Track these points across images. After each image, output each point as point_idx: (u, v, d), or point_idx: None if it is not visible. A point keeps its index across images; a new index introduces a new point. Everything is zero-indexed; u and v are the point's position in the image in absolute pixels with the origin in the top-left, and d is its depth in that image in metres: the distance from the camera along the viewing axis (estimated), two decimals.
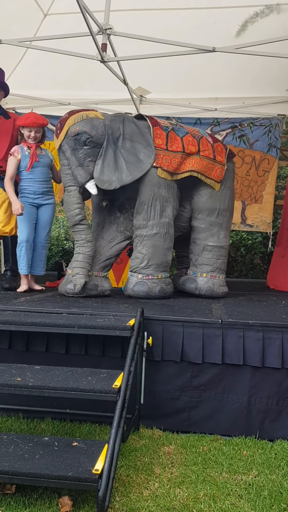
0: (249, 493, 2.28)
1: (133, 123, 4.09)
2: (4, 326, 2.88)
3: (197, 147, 4.17)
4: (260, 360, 2.92)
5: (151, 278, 4.00)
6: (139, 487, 2.28)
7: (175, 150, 4.08)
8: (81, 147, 3.91)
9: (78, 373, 2.60)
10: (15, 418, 3.02)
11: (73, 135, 3.89)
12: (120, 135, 4.01)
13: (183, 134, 4.19)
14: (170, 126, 4.21)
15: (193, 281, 4.24)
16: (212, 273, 4.23)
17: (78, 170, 3.93)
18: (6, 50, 5.12)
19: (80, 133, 3.87)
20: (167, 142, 4.07)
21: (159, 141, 4.06)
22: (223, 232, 4.30)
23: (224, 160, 4.29)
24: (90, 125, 3.90)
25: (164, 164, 4.02)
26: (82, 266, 3.94)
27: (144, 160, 3.99)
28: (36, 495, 2.17)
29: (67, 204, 3.99)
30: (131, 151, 3.99)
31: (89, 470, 2.03)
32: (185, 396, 2.98)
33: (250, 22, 4.73)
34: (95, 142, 3.92)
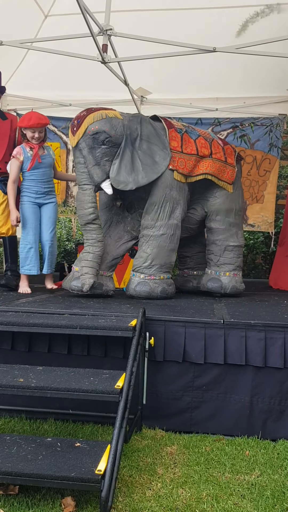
0: (251, 493, 2.28)
1: (150, 125, 4.09)
2: (7, 327, 2.89)
3: (210, 149, 4.20)
4: (262, 360, 2.92)
5: (153, 278, 4.00)
6: (142, 487, 2.28)
7: (189, 153, 4.09)
8: (99, 146, 3.86)
9: (81, 373, 2.60)
10: (18, 419, 3.02)
11: (92, 133, 3.83)
12: (138, 136, 3.98)
13: (196, 136, 4.20)
14: (183, 128, 4.21)
15: (217, 280, 4.27)
16: (234, 271, 4.32)
17: (95, 169, 3.89)
18: (7, 52, 5.13)
19: (99, 132, 3.82)
20: (182, 144, 4.08)
21: (174, 144, 4.05)
22: (240, 232, 4.41)
23: (234, 162, 4.35)
24: (109, 124, 3.86)
25: (180, 167, 4.03)
26: (91, 265, 3.91)
27: (159, 162, 3.98)
28: (39, 496, 2.17)
29: (80, 202, 3.93)
30: (147, 153, 3.98)
31: (92, 470, 2.03)
32: (187, 396, 2.98)
33: (250, 22, 4.73)
34: (113, 142, 3.88)
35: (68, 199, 6.60)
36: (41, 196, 4.19)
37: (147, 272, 4.01)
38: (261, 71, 5.31)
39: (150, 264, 4.01)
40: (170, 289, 4.08)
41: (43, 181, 4.19)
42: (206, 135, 4.33)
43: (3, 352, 3.14)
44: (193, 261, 4.70)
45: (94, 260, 3.93)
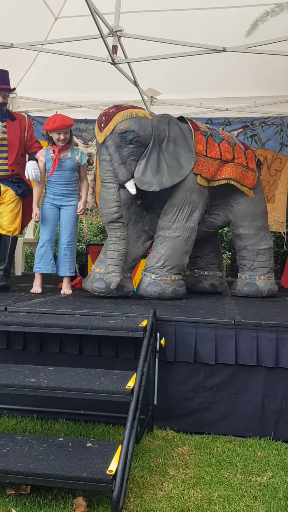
0: (263, 494, 2.26)
1: (177, 126, 4.05)
2: (18, 327, 2.90)
3: (232, 154, 4.20)
4: (274, 360, 2.90)
5: (164, 279, 3.98)
6: (153, 488, 2.28)
7: (213, 157, 4.08)
8: (126, 145, 3.81)
9: (92, 374, 2.61)
10: (29, 419, 3.04)
11: (120, 132, 3.77)
12: (165, 137, 3.95)
13: (220, 140, 4.20)
14: (208, 131, 4.19)
15: (253, 285, 4.30)
16: (268, 274, 4.35)
17: (120, 168, 3.85)
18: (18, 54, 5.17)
19: (128, 131, 3.77)
20: (207, 148, 4.06)
21: (199, 147, 4.03)
22: (268, 234, 4.44)
23: (255, 167, 4.35)
24: (138, 124, 3.81)
25: (203, 171, 4.03)
26: (117, 264, 3.89)
27: (184, 165, 3.95)
28: (51, 496, 2.18)
29: (104, 201, 3.88)
30: (173, 155, 3.95)
31: (103, 471, 2.03)
32: (198, 397, 2.97)
33: (260, 21, 4.71)
34: (141, 142, 3.84)
35: None
36: (59, 198, 4.21)
37: (158, 272, 3.99)
38: (271, 70, 5.29)
39: (162, 265, 4.00)
40: (181, 290, 4.07)
41: (62, 183, 4.19)
42: (229, 138, 4.32)
43: (15, 352, 3.16)
44: (204, 261, 4.69)
45: (119, 258, 3.90)
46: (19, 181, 4.25)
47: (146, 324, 2.79)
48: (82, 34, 4.35)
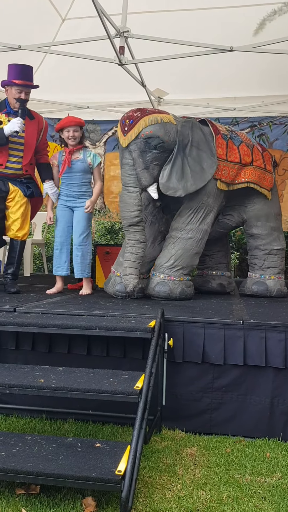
0: (272, 495, 2.26)
1: (200, 130, 4.05)
2: (27, 328, 2.92)
3: (251, 157, 4.21)
4: (283, 361, 2.89)
5: (173, 279, 3.98)
6: (162, 488, 2.29)
7: (233, 161, 4.09)
8: (150, 151, 3.79)
9: (100, 374, 2.62)
10: (38, 419, 3.06)
11: (145, 137, 3.75)
12: (189, 142, 3.94)
13: (239, 143, 4.21)
14: (228, 134, 4.19)
15: (262, 284, 4.32)
16: (278, 274, 4.36)
17: (144, 173, 3.83)
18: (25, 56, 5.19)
19: (153, 137, 3.75)
20: (227, 152, 4.07)
21: (220, 151, 4.03)
22: (281, 235, 4.44)
23: (272, 169, 4.36)
24: (164, 130, 3.79)
25: (223, 176, 4.04)
26: (135, 266, 3.90)
27: (206, 170, 3.94)
28: (60, 496, 2.19)
29: (126, 204, 3.88)
30: (196, 160, 3.94)
31: (112, 471, 2.04)
32: (207, 397, 2.97)
33: (268, 20, 4.69)
34: (165, 147, 3.83)
35: None
36: (71, 199, 4.24)
37: (167, 272, 3.99)
38: (279, 69, 5.26)
39: (172, 265, 4.00)
40: (189, 291, 4.06)
41: (73, 185, 4.22)
42: (248, 141, 4.32)
43: (24, 353, 3.18)
44: (212, 261, 4.68)
45: (137, 261, 3.91)
46: (28, 182, 4.25)
47: (154, 324, 2.80)
48: (89, 35, 4.37)
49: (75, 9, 5.24)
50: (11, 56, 4.96)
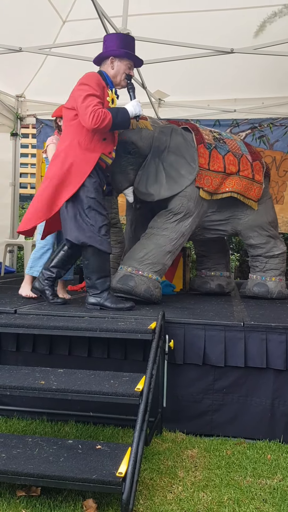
0: (273, 497, 2.25)
1: (180, 136, 4.01)
2: (28, 330, 2.92)
3: (237, 166, 4.14)
4: (284, 363, 2.89)
5: (140, 273, 3.74)
6: (163, 490, 2.28)
7: (216, 170, 4.04)
8: (125, 155, 3.82)
9: (101, 376, 2.62)
10: (39, 421, 3.05)
11: (120, 142, 3.76)
12: (166, 148, 3.92)
13: (225, 152, 4.14)
14: (213, 143, 4.12)
15: (263, 285, 4.29)
16: (279, 276, 4.35)
17: (118, 176, 3.87)
18: (26, 58, 5.20)
19: (128, 142, 3.79)
20: (209, 161, 4.02)
21: (202, 161, 3.98)
22: (279, 240, 4.44)
23: (262, 179, 4.28)
24: (138, 135, 3.83)
25: (205, 185, 3.99)
26: (113, 266, 3.98)
27: (185, 176, 3.90)
28: (61, 498, 2.19)
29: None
30: (173, 165, 3.91)
31: (113, 473, 2.04)
32: (207, 399, 2.97)
33: (268, 22, 4.70)
34: (139, 152, 3.86)
35: None
36: None
37: (135, 265, 3.76)
38: (279, 71, 5.27)
39: (142, 257, 3.78)
40: (155, 292, 3.75)
41: None
42: (236, 150, 4.24)
43: (24, 354, 3.18)
44: (211, 261, 4.67)
45: (114, 261, 4.03)
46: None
47: (155, 326, 2.80)
48: (90, 37, 4.38)
49: (76, 11, 5.25)
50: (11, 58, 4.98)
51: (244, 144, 4.42)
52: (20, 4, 4.77)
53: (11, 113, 6.68)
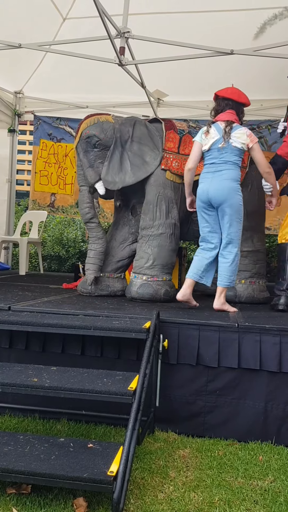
0: (265, 498, 2.25)
1: (143, 126, 4.16)
2: (21, 327, 2.91)
3: None
4: (277, 365, 2.89)
5: (156, 279, 3.96)
6: (154, 490, 2.28)
7: (187, 154, 4.05)
8: (92, 150, 4.10)
9: (94, 374, 2.61)
10: (31, 418, 3.04)
11: (85, 138, 4.09)
12: (129, 138, 4.10)
13: None
14: (187, 129, 4.22)
15: (231, 288, 3.98)
16: (251, 279, 4.12)
17: (89, 171, 4.12)
18: (26, 54, 5.19)
19: (90, 136, 4.07)
20: (180, 145, 4.11)
21: (170, 145, 4.10)
22: (257, 235, 4.19)
23: (247, 163, 4.20)
24: (100, 128, 4.07)
25: (174, 168, 4.06)
26: (93, 262, 4.14)
27: (149, 162, 4.06)
28: (51, 496, 2.18)
29: (79, 203, 4.25)
30: (137, 153, 4.08)
31: (104, 472, 2.03)
32: (200, 400, 2.96)
33: (268, 24, 4.70)
34: (104, 145, 4.09)
35: None
36: None
37: (149, 273, 3.96)
38: (278, 73, 5.26)
39: (152, 264, 3.97)
40: (172, 291, 4.01)
41: None
42: None
43: (17, 352, 3.16)
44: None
45: (95, 257, 4.15)
46: None
47: (149, 325, 2.79)
48: (90, 35, 4.37)
49: (76, 8, 5.24)
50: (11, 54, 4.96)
51: None
52: (21, 0, 4.76)
53: (9, 109, 6.65)
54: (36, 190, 6.77)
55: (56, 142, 6.71)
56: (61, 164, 6.72)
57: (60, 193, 6.76)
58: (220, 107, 3.80)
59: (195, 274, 3.64)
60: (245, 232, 4.08)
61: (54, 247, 8.14)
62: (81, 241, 8.19)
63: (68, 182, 6.73)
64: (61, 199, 6.77)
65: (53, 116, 6.70)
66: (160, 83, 5.75)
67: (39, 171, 6.74)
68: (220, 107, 3.80)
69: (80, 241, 8.20)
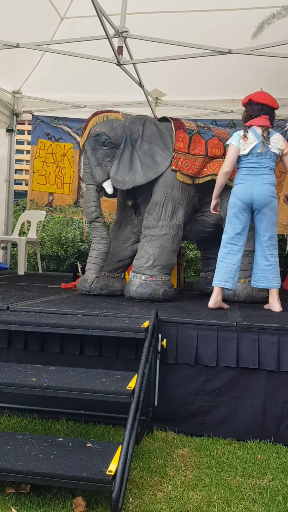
0: (263, 497, 2.26)
1: (154, 125, 4.11)
2: (20, 326, 2.91)
3: (223, 150, 4.15)
4: (276, 364, 2.90)
5: (155, 279, 3.96)
6: (153, 489, 2.28)
7: (197, 154, 4.07)
8: (101, 148, 4.03)
9: (93, 374, 2.61)
10: (30, 418, 3.04)
11: (93, 135, 4.02)
12: (139, 137, 4.05)
13: (209, 137, 4.16)
14: (196, 129, 4.18)
15: None
16: (249, 278, 4.11)
17: (97, 169, 4.06)
18: (23, 54, 5.18)
19: (100, 134, 4.00)
20: (189, 145, 4.07)
21: (180, 145, 4.05)
22: None
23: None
24: (109, 126, 4.01)
25: (184, 168, 4.03)
26: (95, 262, 4.11)
27: (160, 162, 4.01)
28: (50, 495, 2.18)
29: (85, 201, 4.18)
30: (148, 153, 4.03)
31: (103, 471, 2.03)
32: (199, 400, 2.96)
33: (266, 23, 4.71)
34: (113, 143, 4.03)
35: (79, 200, 6.65)
36: None
37: (148, 273, 3.96)
38: (276, 72, 5.28)
39: (152, 265, 3.97)
40: (171, 292, 4.02)
41: None
42: (222, 135, 4.26)
43: (16, 351, 3.16)
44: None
45: (98, 257, 4.12)
46: None
47: (148, 325, 2.79)
48: (88, 34, 4.36)
49: (74, 8, 5.24)
50: (9, 54, 4.95)
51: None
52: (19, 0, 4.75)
53: (7, 109, 6.65)
54: (34, 190, 6.76)
55: (54, 141, 6.71)
56: (59, 163, 6.72)
57: (58, 192, 6.75)
58: (254, 112, 3.83)
59: (225, 282, 3.67)
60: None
61: (53, 247, 8.14)
62: (80, 241, 8.19)
63: (66, 181, 6.72)
64: (59, 198, 6.76)
65: (51, 115, 6.70)
66: (158, 82, 5.75)
67: (37, 170, 6.74)
68: (254, 112, 3.83)
69: (79, 240, 8.19)
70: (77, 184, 6.63)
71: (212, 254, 4.62)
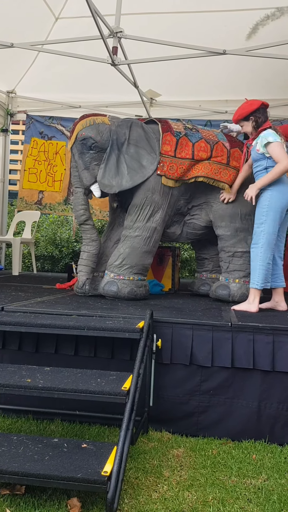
0: (258, 497, 2.26)
1: (140, 128, 4.10)
2: (15, 327, 2.90)
3: (209, 153, 4.11)
4: (271, 364, 2.90)
5: (121, 278, 4.01)
6: (148, 489, 2.28)
7: (183, 157, 4.06)
8: (87, 151, 4.06)
9: (88, 375, 2.61)
10: (25, 419, 3.03)
11: (80, 139, 4.06)
12: (126, 140, 4.05)
13: (196, 139, 4.12)
14: (183, 131, 4.15)
15: (225, 287, 4.09)
16: (245, 278, 4.12)
17: (84, 173, 4.10)
18: (18, 54, 5.17)
19: (86, 138, 4.04)
20: (176, 148, 4.06)
21: (167, 148, 4.04)
22: (251, 237, 4.16)
23: (241, 166, 4.17)
24: (96, 130, 4.03)
25: (169, 172, 4.03)
26: (85, 264, 4.16)
27: (146, 166, 4.01)
28: (45, 496, 2.18)
29: (74, 204, 4.25)
30: (134, 157, 4.03)
31: (98, 472, 2.03)
32: (194, 400, 2.97)
33: (261, 24, 4.73)
34: (99, 147, 4.05)
35: (69, 197, 6.65)
36: None
37: (116, 271, 4.03)
38: (271, 73, 5.31)
39: (120, 263, 4.03)
40: (139, 291, 4.03)
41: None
42: (210, 137, 4.19)
43: (10, 352, 3.15)
44: (212, 263, 4.62)
45: (88, 259, 4.17)
46: None
47: (143, 325, 2.79)
48: (83, 35, 4.37)
49: (68, 8, 5.24)
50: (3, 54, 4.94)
51: (223, 135, 4.35)
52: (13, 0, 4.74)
53: (1, 109, 6.63)
54: (24, 188, 6.74)
55: (47, 140, 6.70)
56: (51, 161, 6.71)
57: (48, 190, 6.74)
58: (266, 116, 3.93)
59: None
60: (239, 233, 4.18)
61: (47, 247, 8.13)
62: (74, 241, 8.18)
63: (57, 179, 6.72)
64: (49, 196, 6.74)
65: (46, 115, 6.69)
66: (153, 83, 5.75)
67: (28, 168, 6.73)
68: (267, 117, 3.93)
69: (73, 241, 8.18)
70: (68, 182, 6.63)
71: (206, 255, 4.63)
